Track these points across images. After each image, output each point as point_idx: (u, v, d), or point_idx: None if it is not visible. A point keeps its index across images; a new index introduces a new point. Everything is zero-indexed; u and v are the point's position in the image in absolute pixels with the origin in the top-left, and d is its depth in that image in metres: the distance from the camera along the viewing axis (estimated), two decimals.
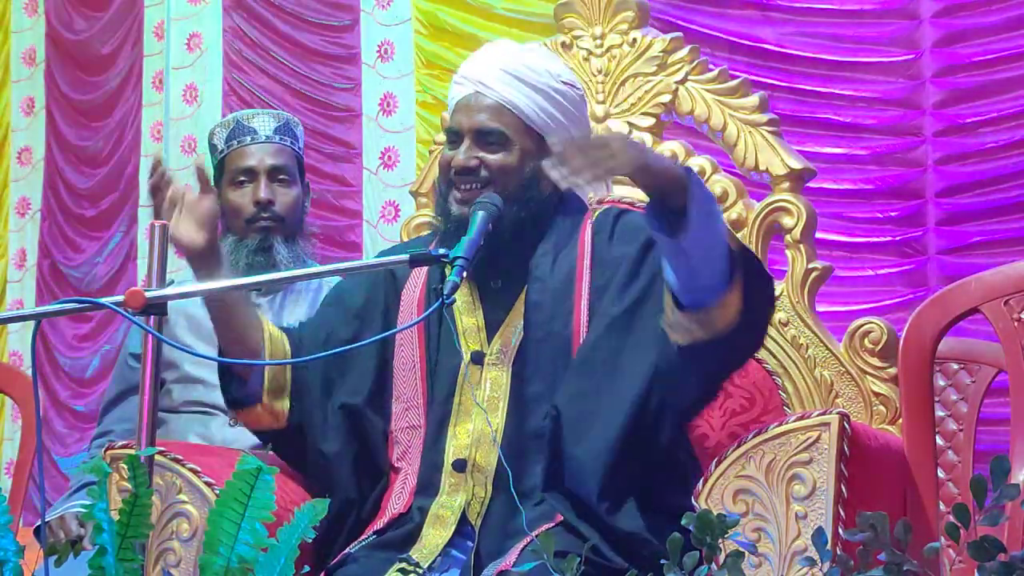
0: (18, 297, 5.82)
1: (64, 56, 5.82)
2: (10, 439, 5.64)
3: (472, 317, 2.64)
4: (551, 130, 2.64)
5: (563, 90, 2.68)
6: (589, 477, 2.44)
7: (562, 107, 2.67)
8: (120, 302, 2.11)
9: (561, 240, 2.65)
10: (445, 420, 2.59)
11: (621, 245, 2.62)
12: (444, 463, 2.56)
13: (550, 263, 2.63)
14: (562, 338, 2.58)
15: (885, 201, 4.40)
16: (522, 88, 2.63)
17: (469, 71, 2.69)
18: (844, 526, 2.25)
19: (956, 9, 4.35)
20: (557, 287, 2.61)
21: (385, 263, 2.55)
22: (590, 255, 2.64)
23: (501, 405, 2.56)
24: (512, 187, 2.61)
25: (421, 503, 2.54)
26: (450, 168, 2.63)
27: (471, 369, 2.59)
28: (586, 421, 2.48)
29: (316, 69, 5.31)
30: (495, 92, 2.63)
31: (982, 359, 3.37)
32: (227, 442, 3.15)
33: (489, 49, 2.76)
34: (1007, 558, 1.47)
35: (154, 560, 2.48)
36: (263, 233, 3.26)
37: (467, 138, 2.63)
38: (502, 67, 2.65)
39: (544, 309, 2.59)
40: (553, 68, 2.70)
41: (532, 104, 2.63)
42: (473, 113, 2.63)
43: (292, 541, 1.64)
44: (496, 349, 2.61)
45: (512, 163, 2.62)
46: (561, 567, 1.60)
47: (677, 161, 2.69)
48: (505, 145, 2.62)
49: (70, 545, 1.77)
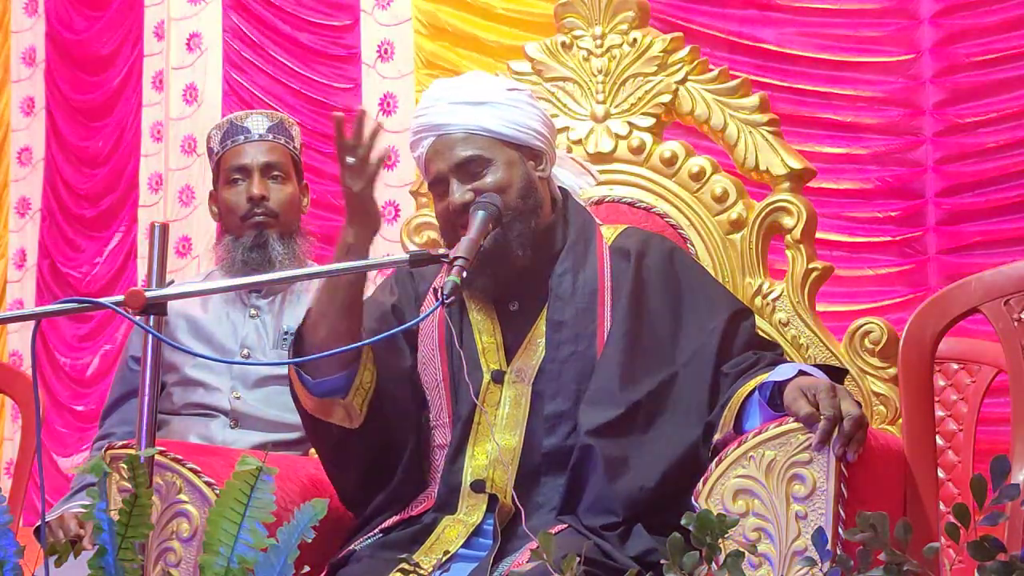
0: (18, 297, 5.82)
1: (64, 56, 5.82)
2: (10, 439, 5.63)
3: (491, 337, 2.64)
4: (521, 136, 2.66)
5: (513, 95, 2.70)
6: (617, 510, 2.44)
7: (521, 111, 2.69)
8: (120, 302, 2.11)
9: (579, 259, 2.66)
10: (464, 440, 2.58)
11: (647, 266, 2.64)
12: (463, 484, 2.55)
13: (571, 282, 2.63)
14: (586, 357, 2.58)
15: (885, 201, 4.40)
16: (475, 110, 2.64)
17: (419, 123, 2.69)
18: (844, 526, 2.25)
19: (956, 9, 4.34)
20: (580, 306, 2.61)
21: (385, 263, 2.56)
22: (611, 275, 2.64)
23: (522, 423, 2.56)
24: (513, 200, 2.61)
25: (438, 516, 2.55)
26: (450, 215, 2.62)
27: (491, 388, 2.60)
28: (623, 463, 2.47)
29: (316, 69, 5.31)
30: (453, 126, 2.64)
31: (982, 359, 3.37)
32: (228, 443, 3.15)
33: (426, 95, 2.75)
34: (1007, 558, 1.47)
35: (154, 560, 2.48)
36: (257, 229, 3.26)
37: (452, 178, 2.62)
38: (447, 101, 2.66)
39: (568, 328, 2.60)
40: (493, 82, 2.74)
41: (493, 119, 2.64)
42: (445, 153, 2.63)
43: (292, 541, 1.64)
44: (516, 368, 2.60)
45: (503, 178, 2.62)
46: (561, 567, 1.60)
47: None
48: (488, 166, 2.62)
49: (70, 545, 1.77)
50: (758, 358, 2.54)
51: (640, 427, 2.51)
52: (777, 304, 2.92)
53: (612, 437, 2.49)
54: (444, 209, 2.63)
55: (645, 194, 3.05)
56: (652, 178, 3.05)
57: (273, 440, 3.17)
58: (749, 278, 2.96)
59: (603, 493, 2.45)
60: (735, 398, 2.45)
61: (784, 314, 2.91)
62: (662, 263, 2.67)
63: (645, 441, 2.50)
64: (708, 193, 3.01)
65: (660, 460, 2.48)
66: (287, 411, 3.17)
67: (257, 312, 3.30)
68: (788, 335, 2.90)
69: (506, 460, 2.52)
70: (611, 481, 2.45)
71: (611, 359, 2.56)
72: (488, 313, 2.67)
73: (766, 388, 2.41)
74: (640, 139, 3.06)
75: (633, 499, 2.45)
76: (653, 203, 3.03)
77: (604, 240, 2.71)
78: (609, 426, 2.50)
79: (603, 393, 2.53)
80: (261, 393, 3.24)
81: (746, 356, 2.55)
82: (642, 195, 3.05)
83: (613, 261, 2.67)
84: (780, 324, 2.91)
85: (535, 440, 2.55)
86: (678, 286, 2.65)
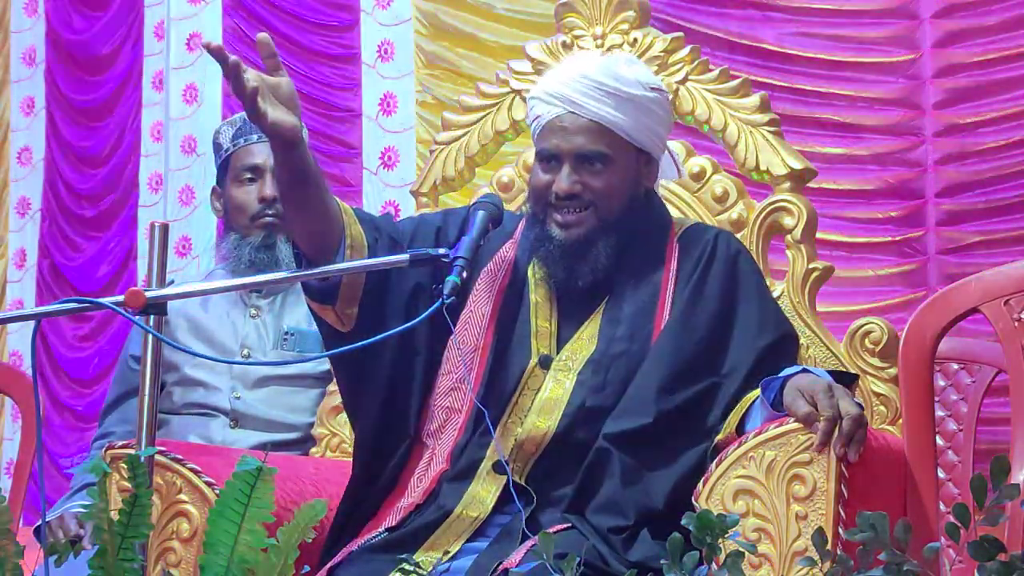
0: (18, 297, 5.82)
1: (64, 56, 5.82)
2: (10, 439, 5.63)
3: (546, 321, 2.62)
4: (649, 142, 2.62)
5: (655, 97, 2.65)
6: (628, 514, 2.43)
7: (657, 116, 2.65)
8: (120, 302, 2.11)
9: (646, 255, 2.63)
10: (497, 420, 2.53)
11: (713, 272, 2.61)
12: (484, 461, 2.52)
13: (635, 280, 2.61)
14: (640, 356, 2.55)
15: (885, 201, 4.40)
16: (617, 102, 2.59)
17: (555, 88, 2.62)
18: (844, 526, 2.25)
19: (956, 9, 4.34)
20: (639, 305, 2.59)
21: (385, 263, 2.54)
22: (675, 275, 2.62)
23: (557, 411, 2.54)
24: (615, 209, 2.59)
25: (448, 498, 2.51)
26: (548, 191, 2.60)
27: (535, 372, 2.58)
28: (637, 473, 2.45)
29: (316, 69, 5.31)
30: (589, 111, 2.58)
31: (982, 359, 3.37)
32: (228, 443, 3.15)
33: (572, 63, 2.70)
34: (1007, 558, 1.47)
35: (154, 560, 2.48)
36: (267, 230, 3.26)
37: (567, 162, 2.58)
38: (593, 83, 2.59)
39: (623, 325, 2.58)
40: (641, 76, 2.67)
41: (629, 120, 2.59)
42: (571, 136, 2.58)
43: (292, 541, 1.64)
44: (565, 356, 2.58)
45: (615, 184, 2.59)
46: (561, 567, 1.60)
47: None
48: (607, 166, 2.59)
49: (70, 545, 1.77)
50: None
51: (663, 439, 2.47)
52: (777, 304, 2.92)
53: (631, 446, 2.46)
54: (545, 186, 2.60)
55: None
56: None
57: (273, 440, 3.17)
58: None
59: (616, 497, 2.43)
60: (741, 403, 2.44)
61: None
62: (726, 266, 2.62)
63: (664, 455, 2.47)
64: (708, 193, 3.01)
65: (672, 475, 2.45)
66: (287, 411, 3.18)
67: (258, 312, 3.30)
68: None
69: (534, 445, 2.49)
70: (625, 486, 2.43)
71: (655, 366, 2.52)
72: (548, 296, 2.63)
73: (771, 388, 2.40)
74: None
75: (645, 507, 2.43)
76: None
77: (675, 235, 2.67)
78: (631, 434, 2.47)
79: (637, 401, 2.50)
80: (261, 393, 3.24)
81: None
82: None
83: (680, 259, 2.63)
84: None
85: (569, 429, 2.52)
86: (736, 293, 2.61)
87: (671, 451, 2.47)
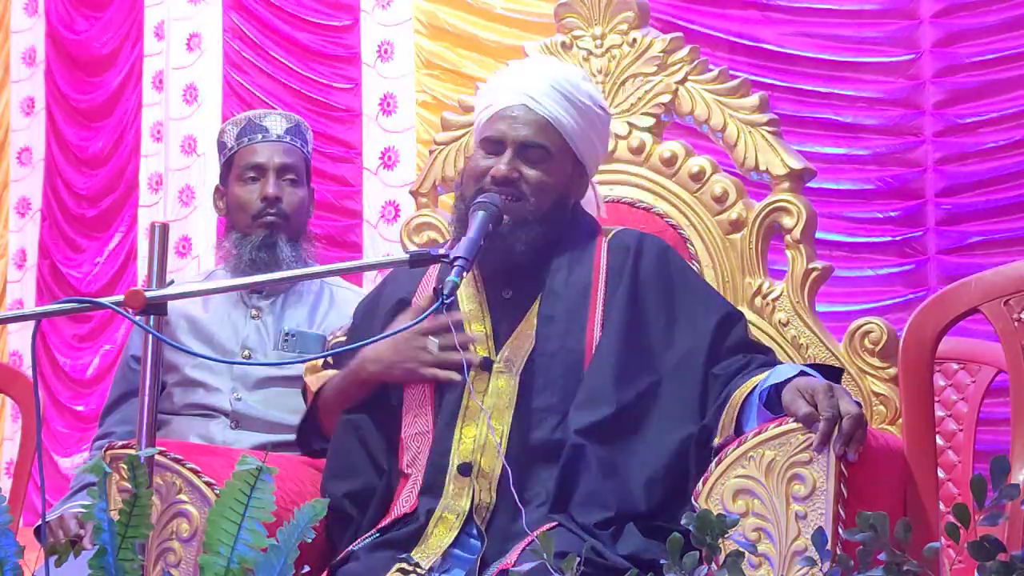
0: (18, 297, 5.83)
1: (64, 56, 5.83)
2: (10, 439, 5.64)
3: (480, 324, 2.64)
4: (588, 155, 2.68)
5: (602, 116, 2.72)
6: (610, 504, 2.44)
7: (599, 133, 2.72)
8: (120, 302, 2.11)
9: (575, 255, 2.67)
10: (451, 424, 2.58)
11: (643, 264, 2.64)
12: (449, 467, 2.55)
13: (565, 277, 2.64)
14: (575, 352, 2.58)
15: (885, 201, 4.41)
16: (569, 108, 2.65)
17: (515, 82, 2.68)
18: (844, 526, 2.25)
19: (956, 9, 4.35)
20: (572, 301, 2.62)
21: (385, 263, 2.56)
22: (606, 271, 2.65)
23: (507, 413, 2.56)
24: (546, 205, 2.63)
25: (427, 505, 2.54)
26: (484, 176, 2.63)
27: (478, 375, 2.59)
28: (614, 465, 2.47)
29: (316, 69, 5.31)
30: (543, 107, 2.64)
31: (982, 359, 3.37)
32: (228, 444, 3.15)
33: (534, 63, 2.76)
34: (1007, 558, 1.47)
35: (154, 560, 2.48)
36: (268, 229, 3.27)
37: (509, 149, 2.62)
38: (551, 83, 2.65)
39: (558, 322, 2.61)
40: (594, 93, 2.74)
41: (576, 125, 2.65)
42: (519, 125, 2.63)
43: (292, 541, 1.63)
44: (504, 357, 2.60)
45: (550, 181, 2.64)
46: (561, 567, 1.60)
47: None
48: (546, 162, 2.63)
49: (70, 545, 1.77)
50: (748, 360, 2.54)
51: (630, 429, 2.51)
52: (777, 304, 2.92)
53: (602, 438, 2.49)
54: (483, 171, 2.63)
55: (645, 194, 3.05)
56: (652, 178, 3.05)
57: (273, 441, 3.16)
58: (749, 278, 2.96)
59: (596, 489, 2.46)
60: (733, 400, 2.45)
61: (784, 314, 2.91)
62: (657, 261, 2.67)
63: (634, 444, 2.50)
64: (708, 193, 3.01)
65: (647, 466, 2.48)
66: (288, 412, 3.17)
67: (258, 313, 3.30)
68: (788, 335, 2.90)
69: (494, 451, 2.52)
70: (604, 478, 2.46)
71: (606, 357, 2.56)
72: (479, 302, 2.67)
73: (764, 393, 2.41)
74: (640, 139, 3.06)
75: (624, 497, 2.45)
76: (653, 203, 3.04)
77: (603, 238, 2.72)
78: (599, 426, 2.50)
79: (596, 392, 2.54)
80: (262, 394, 3.23)
81: (736, 359, 2.55)
82: (642, 195, 3.05)
83: (609, 258, 2.67)
84: (780, 324, 2.91)
85: (521, 431, 2.54)
86: (672, 285, 2.65)
87: (642, 440, 2.51)
